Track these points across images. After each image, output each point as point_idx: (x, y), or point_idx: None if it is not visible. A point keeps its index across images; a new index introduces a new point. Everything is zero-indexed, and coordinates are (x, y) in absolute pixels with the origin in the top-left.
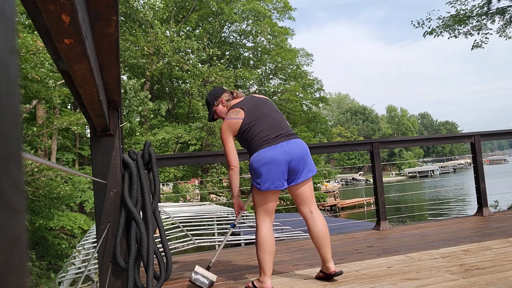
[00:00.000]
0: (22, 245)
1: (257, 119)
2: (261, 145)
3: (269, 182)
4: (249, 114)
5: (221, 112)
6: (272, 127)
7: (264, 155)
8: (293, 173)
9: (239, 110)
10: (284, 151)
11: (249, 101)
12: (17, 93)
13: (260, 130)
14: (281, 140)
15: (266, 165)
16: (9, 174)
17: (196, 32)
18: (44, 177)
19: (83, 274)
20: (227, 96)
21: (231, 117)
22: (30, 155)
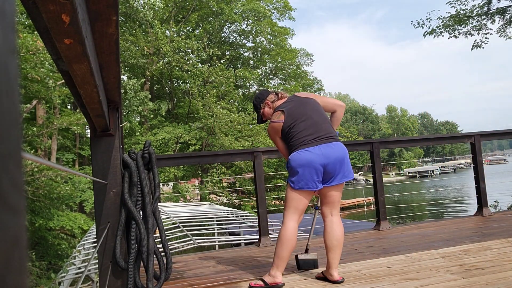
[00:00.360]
0: (22, 245)
1: (297, 120)
2: (299, 145)
3: (303, 183)
4: (289, 116)
5: (268, 114)
6: (312, 129)
7: (301, 156)
8: (328, 176)
9: (280, 113)
10: (321, 153)
11: (291, 102)
12: (17, 93)
13: (299, 131)
14: (320, 143)
15: (302, 166)
16: (9, 174)
17: (196, 32)
18: (44, 177)
19: (83, 274)
20: (272, 98)
21: (274, 120)
22: (30, 155)
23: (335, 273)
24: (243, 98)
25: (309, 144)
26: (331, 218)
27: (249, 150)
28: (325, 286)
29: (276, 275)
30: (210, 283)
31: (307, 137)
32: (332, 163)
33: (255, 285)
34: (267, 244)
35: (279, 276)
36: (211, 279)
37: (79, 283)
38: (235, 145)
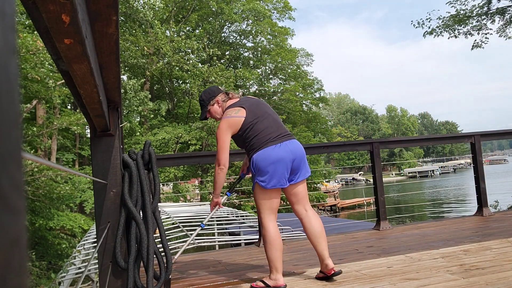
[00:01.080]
0: (22, 245)
1: (258, 118)
2: (265, 143)
3: (275, 180)
4: (251, 112)
5: (215, 112)
6: (274, 127)
7: (270, 153)
8: (294, 172)
9: (240, 109)
10: (288, 150)
11: (247, 101)
12: (17, 93)
13: (262, 128)
14: (284, 140)
15: (273, 163)
16: (9, 174)
17: (196, 32)
18: (44, 177)
19: (83, 274)
20: (223, 97)
21: (232, 116)
22: (30, 155)
23: (329, 262)
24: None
25: (276, 141)
26: (307, 213)
27: None
28: (325, 286)
29: (277, 278)
30: (210, 283)
31: (272, 134)
32: (297, 159)
33: (256, 286)
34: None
35: (280, 278)
36: (211, 279)
37: (79, 283)
38: (235, 145)
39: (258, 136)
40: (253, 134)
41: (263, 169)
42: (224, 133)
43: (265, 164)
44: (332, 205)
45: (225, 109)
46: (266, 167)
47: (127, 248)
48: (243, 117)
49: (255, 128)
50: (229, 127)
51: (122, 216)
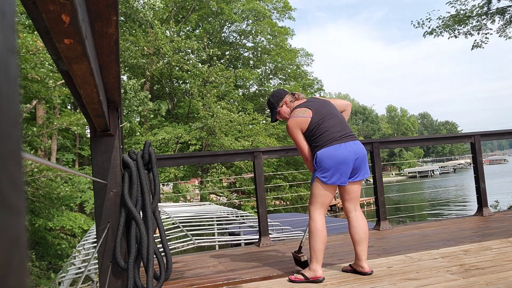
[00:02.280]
0: (22, 245)
1: (325, 117)
2: (331, 141)
3: (336, 177)
4: (316, 112)
5: (284, 112)
6: (339, 126)
7: (335, 152)
8: (354, 172)
9: (306, 109)
10: (352, 150)
11: (313, 102)
12: (17, 93)
13: (328, 127)
14: (348, 140)
15: (336, 161)
16: (9, 174)
17: (196, 32)
18: (44, 177)
19: (83, 274)
20: (290, 98)
21: (299, 116)
22: (30, 155)
23: (365, 265)
24: (243, 98)
25: (340, 140)
26: (356, 213)
27: (249, 150)
28: (325, 286)
29: (316, 269)
30: (210, 283)
31: (337, 133)
32: (359, 159)
33: (295, 279)
34: (267, 244)
35: (319, 270)
36: (211, 279)
37: (79, 283)
38: (235, 145)
39: (323, 135)
40: (319, 132)
41: (326, 166)
42: (295, 132)
43: (328, 161)
44: (332, 205)
45: (293, 109)
46: (329, 164)
47: (127, 248)
48: (309, 117)
49: (321, 127)
50: (297, 125)
51: (122, 216)
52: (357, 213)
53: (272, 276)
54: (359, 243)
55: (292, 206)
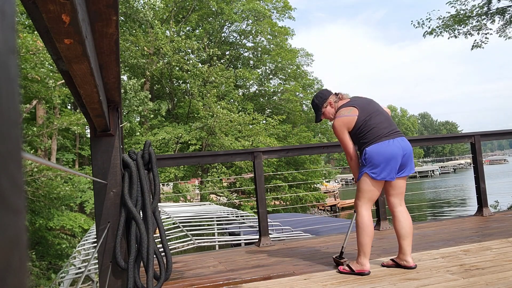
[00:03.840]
0: (22, 245)
1: (371, 114)
2: (380, 138)
3: (386, 173)
4: (363, 111)
5: (329, 113)
6: (386, 123)
7: (385, 148)
8: (401, 167)
9: (352, 108)
10: (400, 146)
11: (358, 100)
12: (17, 93)
13: (375, 124)
14: (396, 136)
15: (386, 157)
16: (9, 174)
17: (196, 32)
18: (44, 177)
19: (83, 274)
20: (334, 98)
21: (345, 115)
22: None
23: (410, 259)
24: (243, 98)
25: (388, 136)
26: (401, 208)
27: (249, 150)
28: (325, 286)
29: (363, 263)
30: (210, 283)
31: (385, 129)
32: (406, 155)
33: (343, 270)
34: (267, 244)
35: (367, 263)
36: (211, 279)
37: (79, 283)
38: (235, 145)
39: (371, 131)
40: (366, 129)
41: (376, 162)
42: (341, 131)
43: (378, 157)
44: (332, 205)
45: (337, 109)
46: (379, 160)
47: (127, 248)
48: (356, 115)
49: (368, 124)
50: (344, 125)
51: (122, 216)
52: (402, 208)
53: (272, 276)
54: (405, 237)
55: (292, 206)
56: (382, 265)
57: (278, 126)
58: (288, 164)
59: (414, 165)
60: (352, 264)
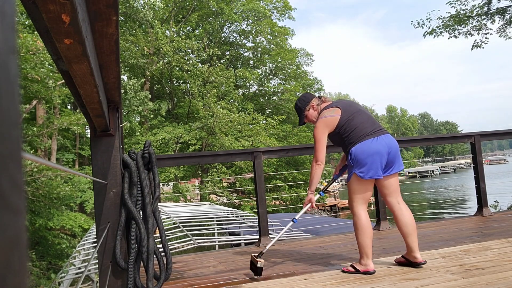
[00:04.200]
0: (22, 245)
1: (353, 114)
2: (363, 136)
3: (373, 171)
4: (345, 111)
5: (312, 116)
6: (369, 122)
7: (369, 146)
8: (389, 165)
9: (335, 108)
10: (385, 143)
11: (341, 101)
12: (17, 93)
13: (359, 123)
14: (380, 134)
15: (372, 156)
16: (9, 174)
17: (196, 32)
18: (44, 177)
19: (83, 274)
20: (317, 101)
21: (328, 115)
22: (30, 155)
23: (418, 255)
24: (243, 98)
25: (372, 134)
26: (400, 206)
27: (249, 150)
28: (324, 286)
29: (367, 263)
30: (210, 283)
31: (368, 128)
32: (392, 152)
33: (347, 270)
34: (267, 244)
35: (371, 264)
36: (211, 279)
37: (79, 283)
38: (235, 145)
39: (355, 131)
40: (350, 129)
41: (361, 161)
42: (321, 132)
43: (364, 156)
44: (332, 205)
45: (320, 111)
46: (365, 159)
47: (127, 248)
48: (338, 115)
49: (352, 124)
50: (326, 126)
51: (122, 216)
52: (401, 206)
53: (272, 276)
54: (409, 235)
55: (292, 206)
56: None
57: (278, 126)
58: (288, 164)
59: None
60: (356, 264)
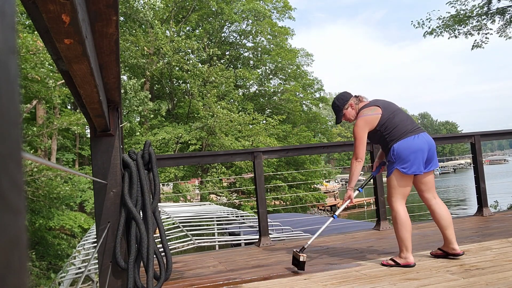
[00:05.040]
0: (22, 245)
1: (394, 113)
2: (405, 133)
3: (415, 167)
4: (385, 109)
5: (349, 114)
6: (409, 120)
7: (412, 143)
8: (428, 162)
9: (375, 107)
10: (425, 141)
11: (379, 100)
12: (17, 93)
13: (399, 121)
14: (420, 131)
15: (415, 152)
16: (9, 174)
17: (196, 32)
18: (44, 177)
19: (83, 274)
20: (355, 100)
21: (369, 114)
22: (30, 155)
23: (457, 246)
24: (243, 98)
25: (413, 132)
26: (436, 200)
27: (249, 150)
28: (325, 286)
29: (407, 257)
30: (210, 283)
31: (409, 126)
32: (432, 150)
33: (386, 263)
34: (267, 244)
35: (411, 257)
36: (211, 279)
37: (79, 283)
38: (235, 145)
39: (396, 128)
40: (391, 127)
41: (405, 157)
42: (362, 130)
43: (407, 152)
44: (332, 205)
45: (359, 110)
46: (408, 155)
47: (127, 248)
48: (379, 114)
49: (393, 122)
50: (367, 124)
51: (122, 216)
52: (437, 201)
53: (272, 276)
54: (447, 227)
55: (292, 206)
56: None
57: (278, 126)
58: (288, 164)
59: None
60: (396, 258)
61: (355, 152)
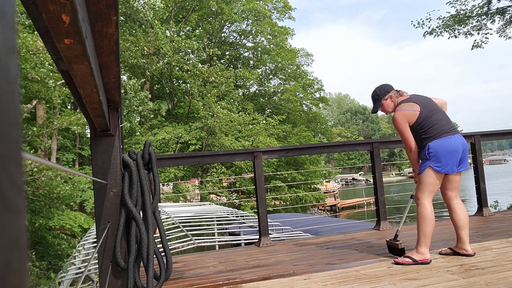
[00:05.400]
0: (22, 245)
1: (432, 111)
2: (441, 133)
3: (449, 167)
4: (424, 107)
5: (388, 106)
6: (445, 120)
7: (448, 143)
8: (460, 163)
9: (414, 104)
10: (460, 142)
11: (418, 97)
12: (17, 93)
13: (437, 120)
14: (455, 132)
15: (451, 152)
16: (9, 174)
17: (196, 32)
18: (44, 177)
19: (83, 274)
20: (395, 93)
21: (407, 109)
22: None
23: (469, 247)
24: (243, 98)
25: (449, 132)
26: (457, 200)
27: (249, 150)
28: (325, 286)
29: (424, 252)
30: (210, 283)
31: (445, 126)
32: (465, 151)
33: (402, 262)
34: (267, 244)
35: (427, 253)
36: (211, 279)
37: (79, 283)
38: (235, 145)
39: (433, 127)
40: (428, 125)
41: (440, 156)
42: (403, 124)
43: (443, 151)
44: (332, 205)
45: (397, 104)
46: (444, 155)
47: (127, 248)
48: (418, 111)
49: (430, 120)
50: (406, 119)
51: (122, 216)
52: (458, 201)
53: (272, 276)
54: (463, 227)
55: (292, 206)
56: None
57: (278, 126)
58: (288, 164)
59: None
60: (412, 254)
61: (405, 144)
